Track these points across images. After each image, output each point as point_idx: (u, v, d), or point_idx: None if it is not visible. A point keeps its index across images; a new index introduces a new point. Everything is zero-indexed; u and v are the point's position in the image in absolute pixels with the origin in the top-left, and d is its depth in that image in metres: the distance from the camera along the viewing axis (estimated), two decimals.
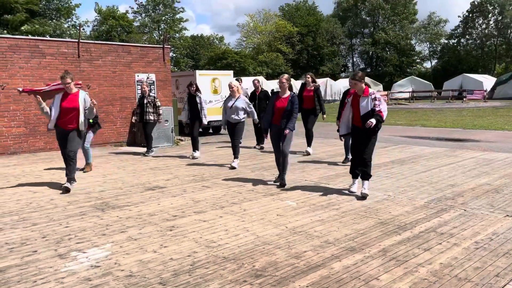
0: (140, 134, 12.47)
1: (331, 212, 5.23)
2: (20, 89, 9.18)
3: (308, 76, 9.92)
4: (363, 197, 5.85)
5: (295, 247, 4.09)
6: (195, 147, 9.82)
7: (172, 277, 3.46)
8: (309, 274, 3.47)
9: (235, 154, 8.46)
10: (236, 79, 11.66)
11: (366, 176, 5.97)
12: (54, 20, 25.17)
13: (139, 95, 13.05)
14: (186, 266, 3.67)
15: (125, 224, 4.92)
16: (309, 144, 9.94)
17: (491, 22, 58.25)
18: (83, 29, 40.52)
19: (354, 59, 69.85)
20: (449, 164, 8.28)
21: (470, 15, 59.19)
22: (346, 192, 6.23)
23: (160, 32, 56.68)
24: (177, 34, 59.19)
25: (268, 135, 6.95)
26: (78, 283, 3.37)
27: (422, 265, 3.61)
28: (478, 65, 57.66)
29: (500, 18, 56.84)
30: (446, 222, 4.75)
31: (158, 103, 10.31)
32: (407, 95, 40.94)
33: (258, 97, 11.10)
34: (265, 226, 4.74)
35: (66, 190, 6.54)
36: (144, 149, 10.90)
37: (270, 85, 30.71)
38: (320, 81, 41.99)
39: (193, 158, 9.65)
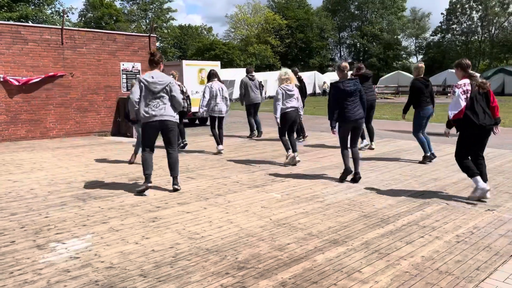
0: (124, 124, 12.30)
1: (315, 204, 5.23)
2: (1, 76, 8.98)
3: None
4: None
5: (279, 239, 4.07)
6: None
7: (153, 269, 3.41)
8: (292, 267, 3.46)
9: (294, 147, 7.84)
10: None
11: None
12: (36, 7, 24.58)
13: (124, 84, 12.87)
14: (168, 258, 3.63)
15: (106, 215, 4.84)
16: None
17: (474, 19, 58.82)
18: (67, 16, 39.78)
19: (342, 53, 70.10)
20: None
21: (453, 11, 59.68)
22: (334, 183, 6.24)
23: (148, 21, 55.93)
24: (165, 24, 58.49)
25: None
26: (56, 275, 3.30)
27: (404, 258, 3.63)
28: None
29: (483, 14, 57.39)
30: (429, 216, 4.78)
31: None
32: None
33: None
34: (249, 218, 4.71)
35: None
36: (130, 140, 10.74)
37: (258, 77, 30.61)
38: (308, 74, 42.04)
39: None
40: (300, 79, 10.58)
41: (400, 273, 3.35)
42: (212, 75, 9.08)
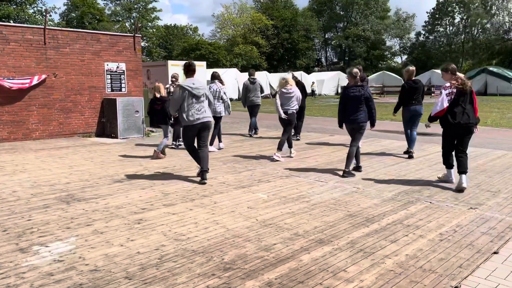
0: (109, 125, 12.17)
1: (301, 204, 5.26)
2: None
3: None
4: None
5: (265, 239, 4.08)
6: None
7: (138, 271, 3.38)
8: (278, 267, 3.47)
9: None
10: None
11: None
12: (18, 6, 24.13)
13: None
14: (154, 260, 3.60)
15: (91, 217, 4.78)
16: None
17: (456, 21, 59.84)
18: (50, 15, 39.18)
19: (328, 53, 70.50)
20: (417, 157, 8.46)
21: (437, 13, 60.58)
22: (320, 183, 6.28)
23: (132, 21, 55.41)
24: (150, 24, 58.03)
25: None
26: (40, 278, 3.25)
27: (388, 257, 3.67)
28: (446, 62, 59.01)
29: (465, 16, 58.41)
30: (413, 214, 4.85)
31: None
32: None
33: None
34: (235, 218, 4.71)
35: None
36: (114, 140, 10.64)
37: (243, 78, 30.54)
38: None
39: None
40: (298, 81, 11.02)
41: (384, 271, 3.39)
42: (212, 77, 9.52)
